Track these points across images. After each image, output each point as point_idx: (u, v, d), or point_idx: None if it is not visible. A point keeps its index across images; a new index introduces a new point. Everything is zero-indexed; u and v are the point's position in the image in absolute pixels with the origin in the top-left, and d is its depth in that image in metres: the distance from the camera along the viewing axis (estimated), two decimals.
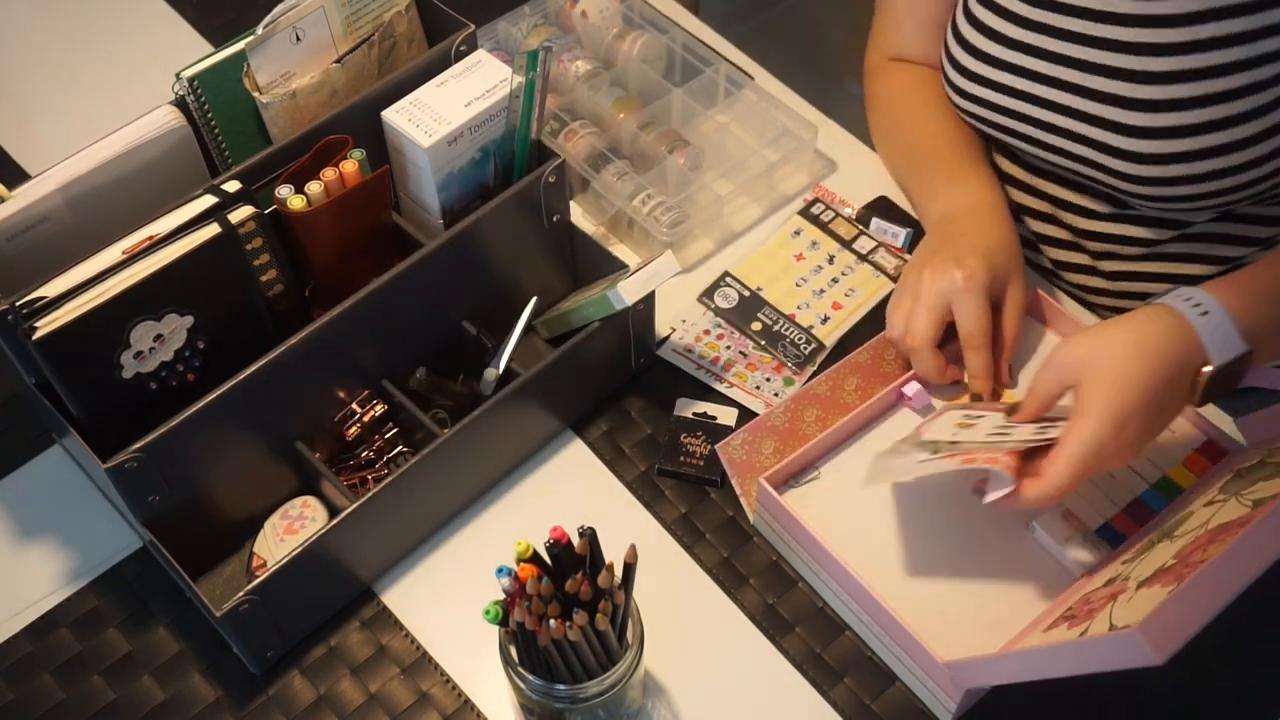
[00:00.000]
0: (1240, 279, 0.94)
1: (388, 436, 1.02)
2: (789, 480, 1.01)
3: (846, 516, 0.99)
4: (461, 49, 1.04)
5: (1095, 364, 0.89)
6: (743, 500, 1.02)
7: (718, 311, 1.14)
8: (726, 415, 1.07)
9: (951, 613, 0.95)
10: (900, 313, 1.03)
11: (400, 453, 1.02)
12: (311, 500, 1.00)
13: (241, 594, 0.88)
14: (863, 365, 1.07)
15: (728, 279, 1.15)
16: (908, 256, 1.17)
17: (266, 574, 0.89)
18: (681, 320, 1.13)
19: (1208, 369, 0.89)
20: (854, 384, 1.05)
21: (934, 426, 0.97)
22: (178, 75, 0.98)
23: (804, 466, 1.01)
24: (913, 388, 1.04)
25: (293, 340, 0.92)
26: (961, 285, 1.00)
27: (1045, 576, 0.96)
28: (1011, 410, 0.96)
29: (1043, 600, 0.95)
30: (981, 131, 1.15)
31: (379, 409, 1.01)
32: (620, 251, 1.16)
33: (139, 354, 0.90)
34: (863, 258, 1.17)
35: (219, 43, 1.12)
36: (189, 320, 0.92)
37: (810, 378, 1.08)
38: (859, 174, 1.24)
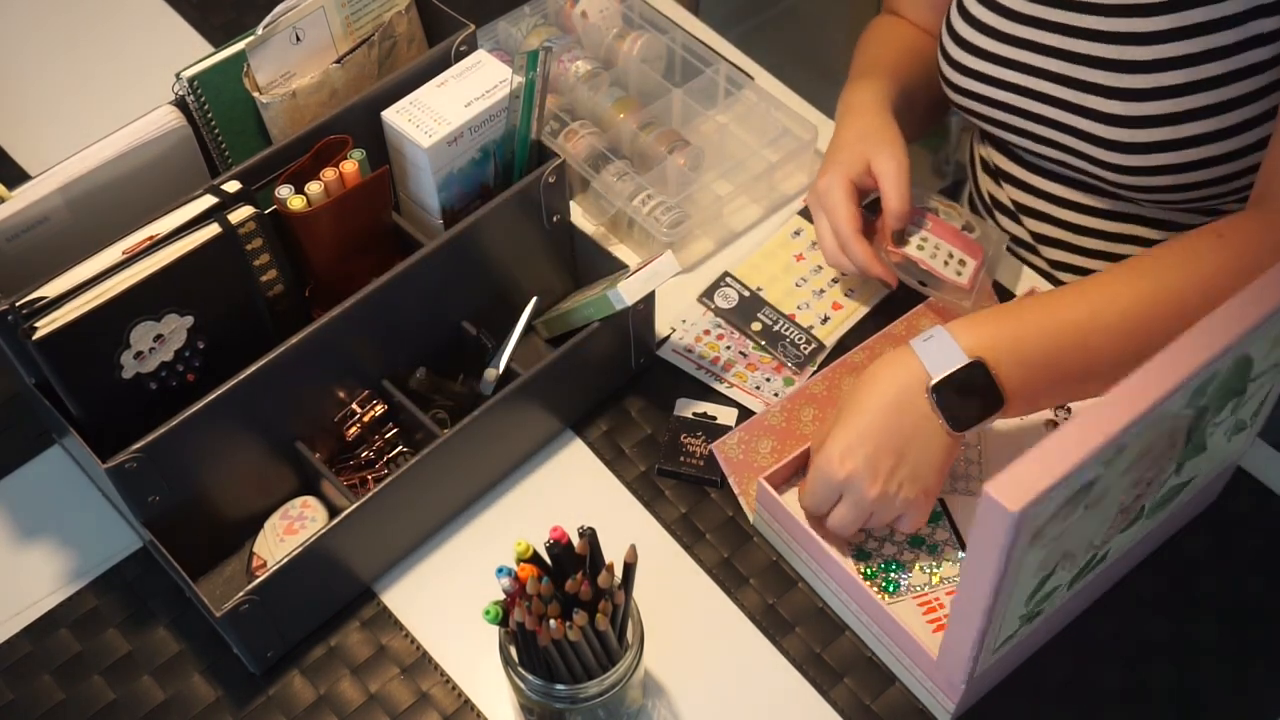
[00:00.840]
0: (987, 311, 0.95)
1: (388, 436, 1.02)
2: (789, 479, 1.01)
3: None
4: (461, 49, 1.04)
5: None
6: (742, 500, 1.02)
7: (718, 311, 1.14)
8: (726, 415, 1.07)
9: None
10: (821, 234, 1.10)
11: (400, 453, 1.02)
12: (311, 500, 1.00)
13: (241, 594, 0.88)
14: (859, 365, 1.07)
15: (728, 279, 1.15)
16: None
17: (266, 574, 0.89)
18: (681, 320, 1.13)
19: (930, 382, 0.90)
20: (850, 383, 1.05)
21: None
22: (178, 75, 0.98)
23: (803, 465, 1.01)
24: None
25: (293, 340, 0.92)
26: (820, 190, 1.07)
27: None
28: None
29: None
30: (978, 126, 1.16)
31: (379, 409, 1.01)
32: (620, 251, 1.16)
33: (139, 354, 0.90)
34: None
35: (219, 43, 1.13)
36: (189, 320, 0.92)
37: (809, 377, 1.08)
38: None
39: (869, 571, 0.97)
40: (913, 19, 1.23)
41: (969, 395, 0.90)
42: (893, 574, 0.97)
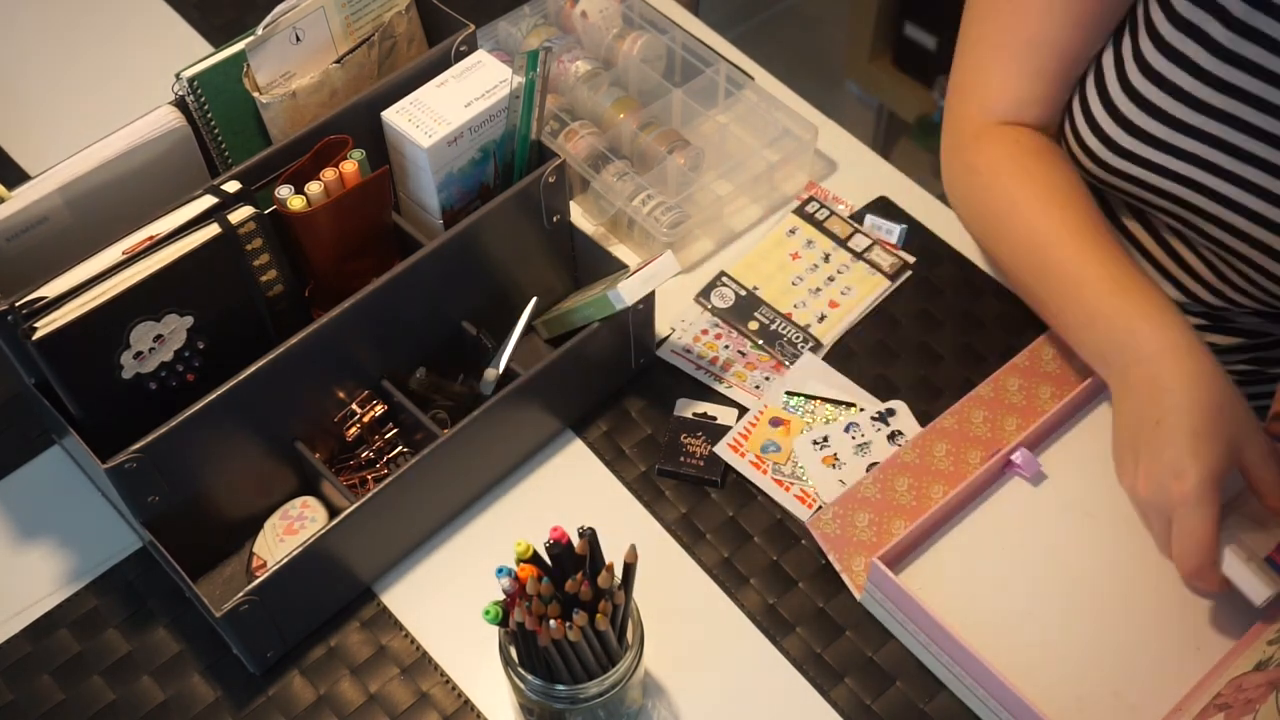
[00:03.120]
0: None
1: (388, 436, 1.02)
2: (905, 556, 0.95)
3: (963, 595, 0.94)
4: (461, 49, 1.05)
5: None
6: (845, 578, 0.98)
7: (715, 311, 1.14)
8: (726, 415, 1.07)
9: (1088, 697, 0.89)
10: (1156, 537, 0.90)
11: (400, 453, 1.02)
12: (311, 500, 1.00)
13: (241, 594, 0.88)
14: (950, 430, 1.03)
15: (724, 278, 1.15)
16: (903, 253, 1.17)
17: (266, 574, 0.89)
18: (681, 320, 1.13)
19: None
20: (943, 449, 1.02)
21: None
22: (178, 75, 0.98)
23: (917, 541, 0.96)
24: (1022, 454, 0.99)
25: (293, 340, 0.92)
26: (1193, 499, 0.83)
27: (1178, 656, 0.91)
28: None
29: (1179, 681, 0.89)
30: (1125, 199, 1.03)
31: (379, 409, 1.01)
32: (620, 251, 1.16)
33: (139, 354, 0.90)
34: (858, 255, 1.17)
35: (219, 43, 1.13)
36: (189, 320, 0.92)
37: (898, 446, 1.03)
38: (859, 174, 1.24)
39: None
40: (1036, 117, 1.02)
41: None
42: None
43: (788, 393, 1.06)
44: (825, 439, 1.04)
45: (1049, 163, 0.99)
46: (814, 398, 1.06)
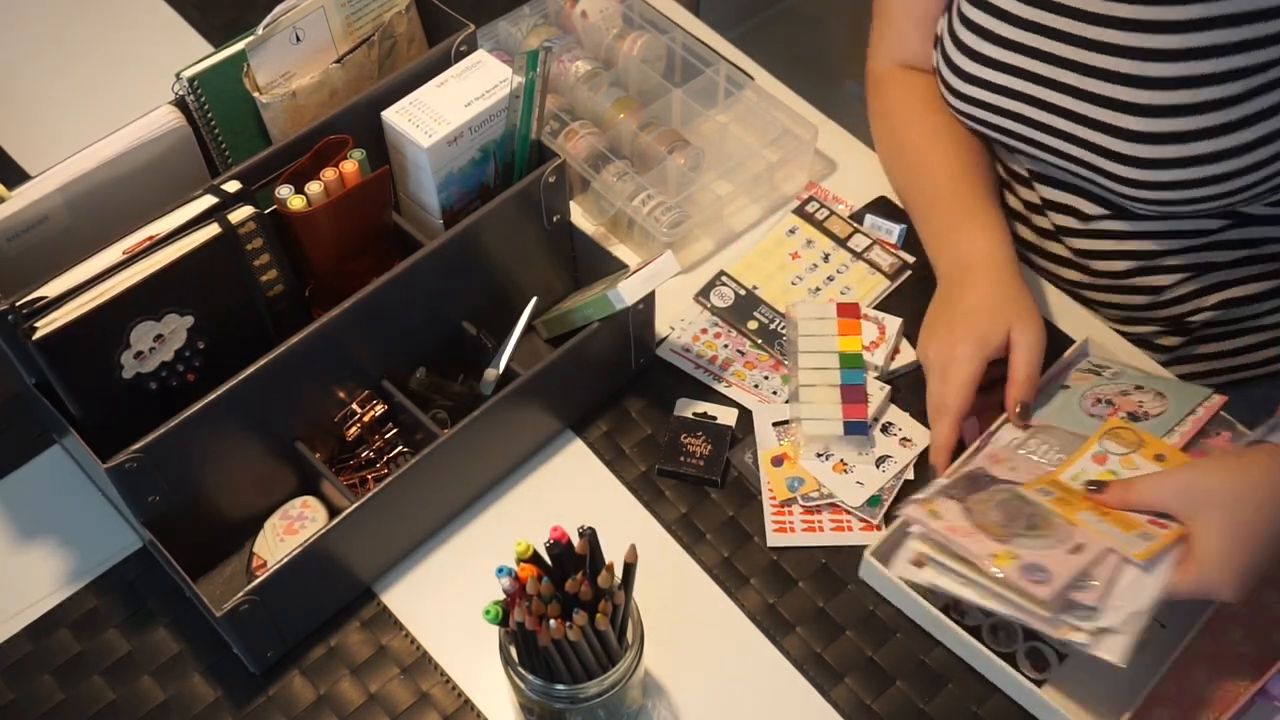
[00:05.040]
0: None
1: (388, 436, 1.02)
2: None
3: None
4: (461, 49, 1.04)
5: (1214, 507, 0.87)
6: None
7: (714, 310, 1.14)
8: (726, 415, 1.07)
9: None
10: (930, 391, 1.03)
11: (400, 453, 1.02)
12: (311, 500, 1.00)
13: (241, 594, 0.88)
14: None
15: (723, 278, 1.15)
16: (902, 253, 1.17)
17: (266, 574, 0.89)
18: (680, 320, 1.13)
19: None
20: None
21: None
22: (178, 75, 0.98)
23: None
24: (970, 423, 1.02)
25: (293, 340, 0.92)
26: (953, 355, 1.01)
27: None
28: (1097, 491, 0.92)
29: None
30: (977, 132, 1.14)
31: (379, 409, 1.01)
32: (620, 251, 1.16)
33: (139, 354, 0.90)
34: (858, 255, 1.17)
35: (219, 43, 1.12)
36: (189, 320, 0.92)
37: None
38: (859, 174, 1.24)
39: None
40: (921, 62, 1.18)
41: None
42: None
43: (774, 424, 1.06)
44: (827, 451, 1.04)
45: (935, 108, 1.15)
46: (786, 422, 1.06)
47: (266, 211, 0.94)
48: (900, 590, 0.95)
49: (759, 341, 1.11)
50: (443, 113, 0.99)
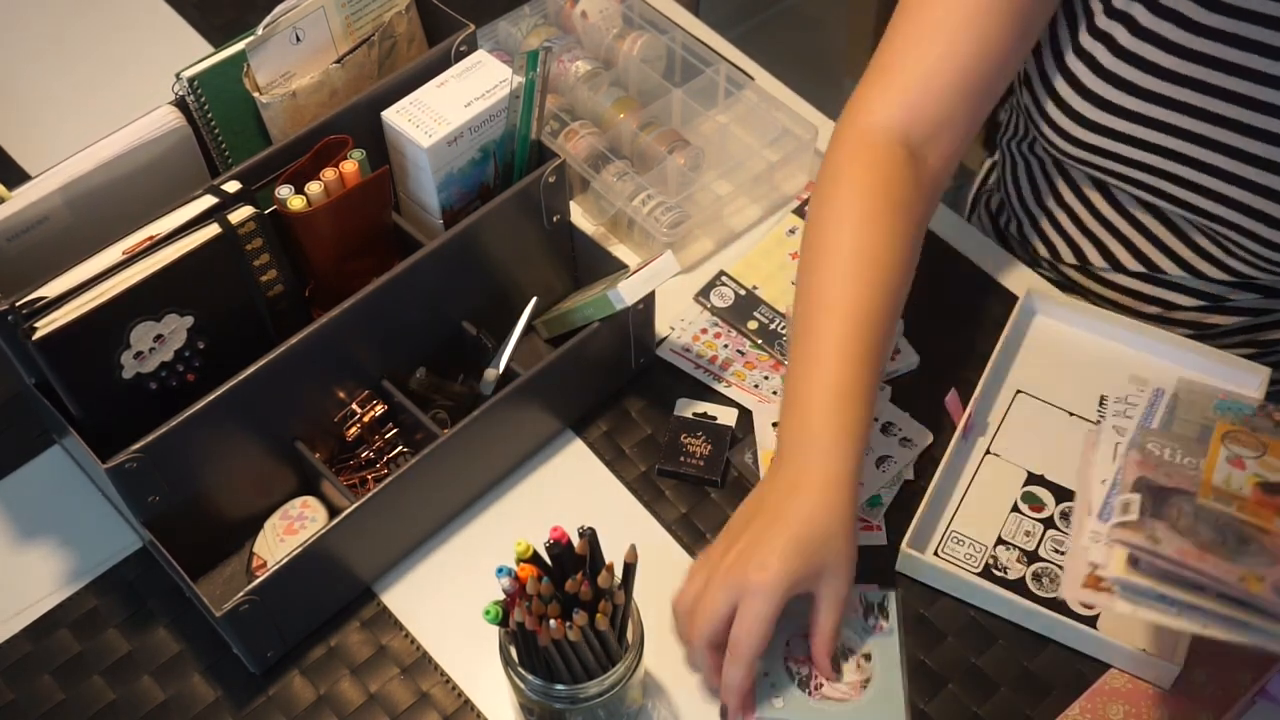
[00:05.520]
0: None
1: (388, 436, 1.02)
2: None
3: None
4: (461, 49, 1.05)
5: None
6: None
7: (714, 310, 1.14)
8: (727, 415, 1.07)
9: None
10: (693, 587, 0.90)
11: (400, 453, 1.02)
12: (311, 500, 1.00)
13: (241, 594, 0.88)
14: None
15: (723, 278, 1.15)
16: None
17: (266, 574, 0.89)
18: (680, 320, 1.13)
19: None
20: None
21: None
22: (178, 75, 0.98)
23: None
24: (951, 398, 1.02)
25: (293, 340, 0.92)
26: (752, 588, 0.86)
27: None
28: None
29: None
30: (1092, 175, 1.06)
31: (379, 409, 1.01)
32: (620, 251, 1.16)
33: (139, 354, 0.90)
34: None
35: (219, 43, 1.12)
36: (189, 320, 0.92)
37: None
38: None
39: None
40: (933, 125, 0.98)
41: None
42: None
43: (775, 424, 1.06)
44: None
45: (874, 225, 0.96)
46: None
47: (266, 212, 0.94)
48: (943, 572, 0.96)
49: (759, 341, 1.11)
50: (443, 113, 0.99)
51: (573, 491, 1.04)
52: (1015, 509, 1.00)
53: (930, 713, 0.93)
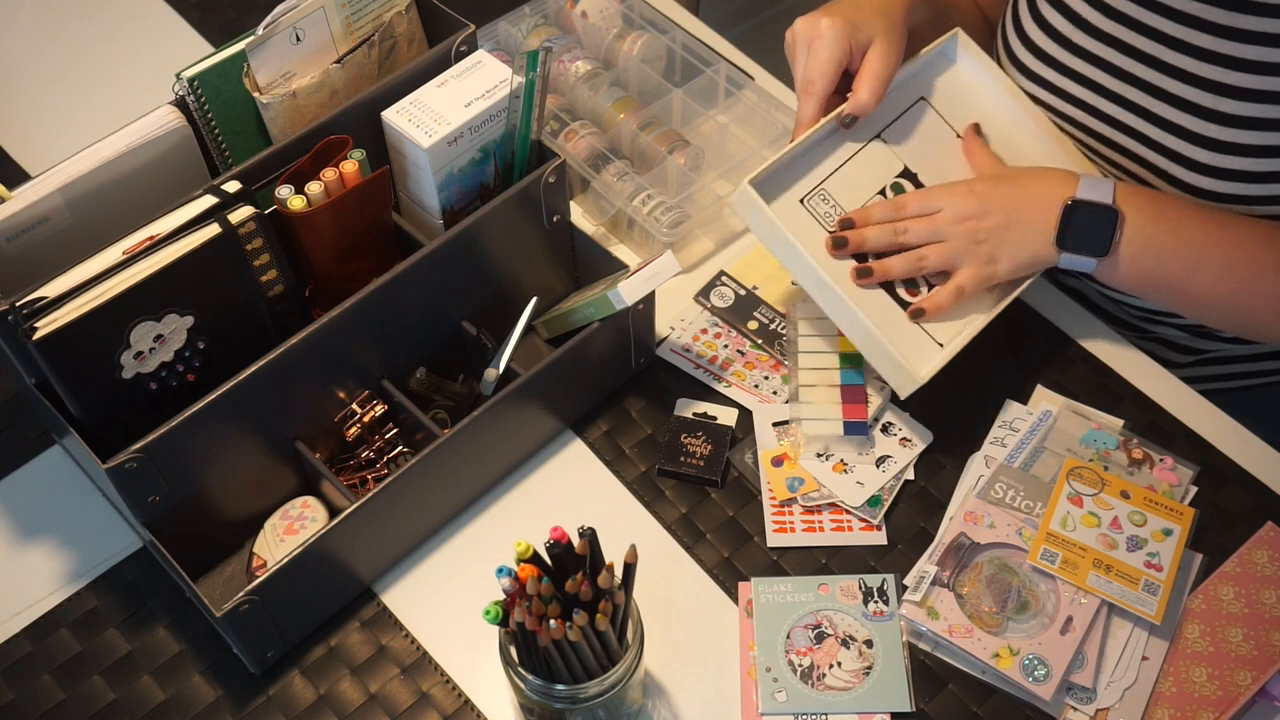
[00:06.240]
0: (1153, 192, 1.02)
1: (388, 437, 1.02)
2: None
3: None
4: (461, 49, 1.05)
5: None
6: None
7: (714, 310, 1.14)
8: (727, 415, 1.07)
9: None
10: (795, 62, 1.05)
11: (400, 453, 1.02)
12: (311, 500, 1.00)
13: (241, 594, 0.88)
14: (1194, 610, 0.96)
15: (723, 278, 1.15)
16: None
17: (266, 574, 0.89)
18: (680, 320, 1.13)
19: (1068, 198, 0.99)
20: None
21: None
22: (178, 75, 0.98)
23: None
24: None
25: (293, 340, 0.92)
26: (818, 30, 1.01)
27: None
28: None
29: None
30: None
31: (379, 409, 1.01)
32: (620, 251, 1.16)
33: (139, 354, 0.90)
34: None
35: (219, 43, 1.13)
36: (189, 320, 0.92)
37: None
38: None
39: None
40: None
41: (1087, 224, 0.99)
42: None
43: (774, 424, 1.06)
44: (827, 451, 1.04)
45: None
46: (786, 422, 1.06)
47: (266, 211, 0.94)
48: (774, 227, 1.00)
49: (759, 341, 1.11)
50: (443, 113, 0.99)
51: (573, 491, 1.04)
52: (882, 193, 1.07)
53: (930, 713, 0.93)
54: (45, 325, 0.85)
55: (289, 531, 0.98)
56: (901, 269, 1.03)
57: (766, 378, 1.09)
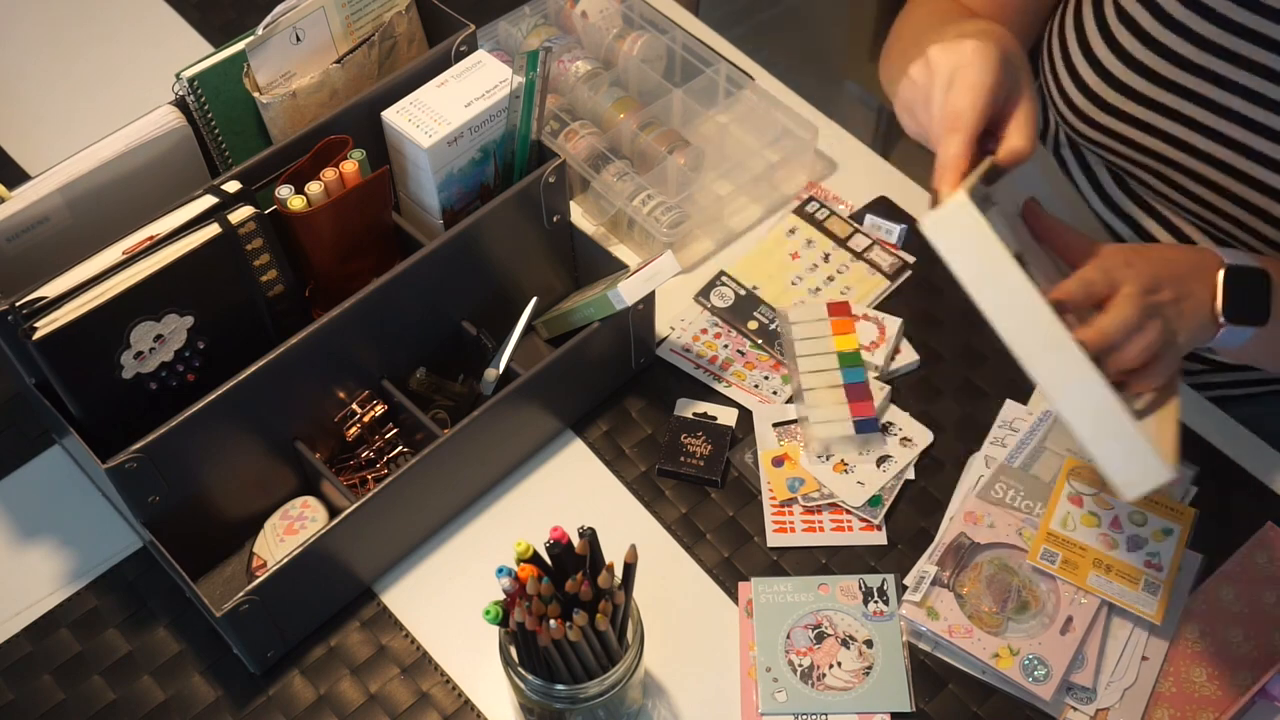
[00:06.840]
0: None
1: (388, 436, 1.02)
2: None
3: None
4: (461, 49, 1.05)
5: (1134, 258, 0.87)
6: None
7: (714, 310, 1.14)
8: (726, 415, 1.07)
9: None
10: (919, 101, 0.88)
11: (400, 453, 1.02)
12: (311, 500, 1.00)
13: (241, 594, 0.88)
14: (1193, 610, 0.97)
15: (723, 278, 1.15)
16: (902, 253, 1.17)
17: (266, 574, 0.89)
18: (680, 320, 1.13)
19: (1220, 264, 0.89)
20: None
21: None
22: (178, 75, 0.98)
23: None
24: None
25: (293, 340, 0.92)
26: (964, 57, 0.83)
27: None
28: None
29: None
30: (1103, 159, 1.07)
31: (379, 409, 1.01)
32: (620, 251, 1.16)
33: (139, 354, 0.90)
34: (858, 255, 1.17)
35: (219, 43, 1.13)
36: (189, 320, 0.92)
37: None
38: (859, 174, 1.24)
39: None
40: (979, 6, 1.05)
41: (1249, 292, 0.89)
42: None
43: (774, 424, 1.06)
44: (828, 451, 1.04)
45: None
46: (788, 423, 1.06)
47: (266, 211, 0.93)
48: (997, 257, 0.79)
49: (759, 341, 1.11)
50: (443, 113, 0.99)
51: (573, 491, 1.04)
52: None
53: (930, 713, 0.93)
54: (45, 325, 0.85)
55: (289, 531, 0.98)
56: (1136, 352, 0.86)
57: (766, 378, 1.09)
